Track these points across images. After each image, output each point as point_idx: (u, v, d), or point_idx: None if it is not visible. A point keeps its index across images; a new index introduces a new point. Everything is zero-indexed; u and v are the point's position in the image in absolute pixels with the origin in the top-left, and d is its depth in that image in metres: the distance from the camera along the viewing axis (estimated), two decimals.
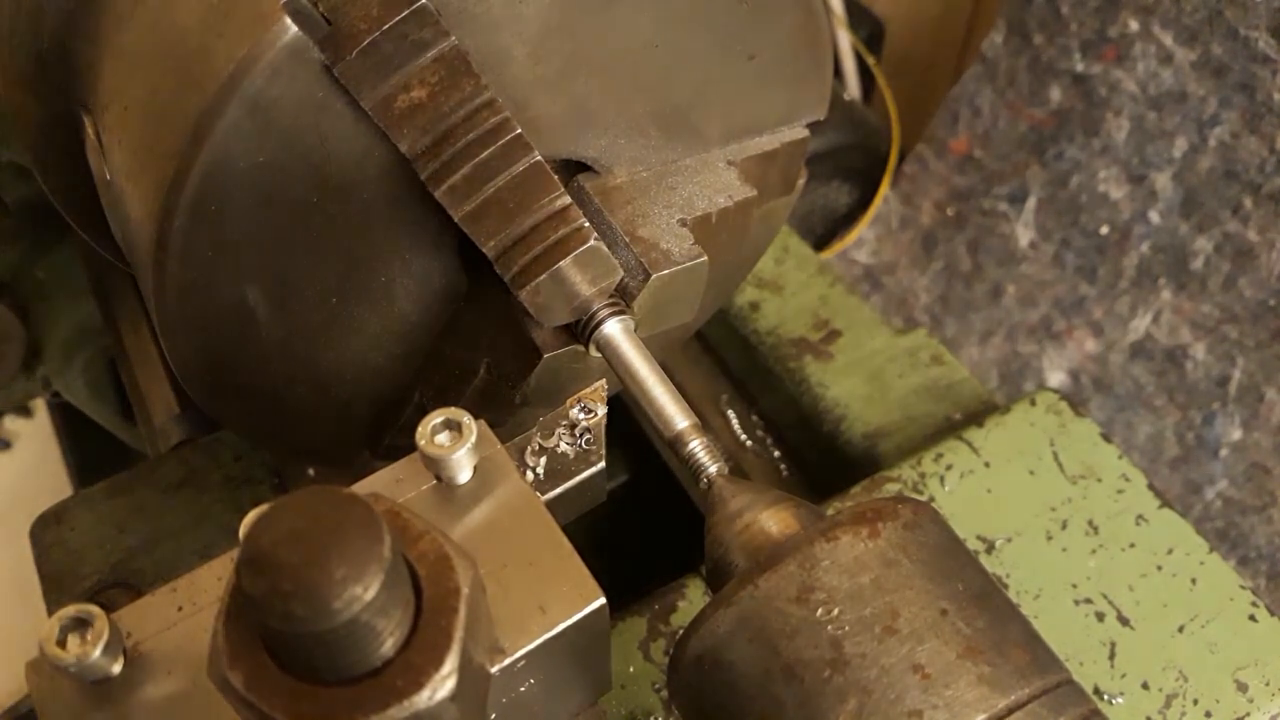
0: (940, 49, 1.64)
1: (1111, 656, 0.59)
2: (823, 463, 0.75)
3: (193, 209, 0.45)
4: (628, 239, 0.52)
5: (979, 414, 0.71)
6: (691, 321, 0.68)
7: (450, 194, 0.47)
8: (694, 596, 0.61)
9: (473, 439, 0.41)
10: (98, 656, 0.36)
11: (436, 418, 0.41)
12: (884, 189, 1.38)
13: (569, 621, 0.39)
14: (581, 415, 0.50)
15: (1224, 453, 1.30)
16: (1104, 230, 1.37)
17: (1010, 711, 0.39)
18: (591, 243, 0.47)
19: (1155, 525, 0.64)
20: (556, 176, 0.47)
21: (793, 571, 0.41)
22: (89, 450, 1.12)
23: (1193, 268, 1.30)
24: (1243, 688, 0.58)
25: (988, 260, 1.50)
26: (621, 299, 0.51)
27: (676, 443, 0.49)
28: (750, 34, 0.53)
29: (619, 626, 0.60)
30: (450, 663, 0.33)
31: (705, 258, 0.53)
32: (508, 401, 0.52)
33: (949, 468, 0.66)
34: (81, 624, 0.36)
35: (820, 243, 1.26)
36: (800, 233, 0.88)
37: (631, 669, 0.59)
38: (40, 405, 1.14)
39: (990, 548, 0.63)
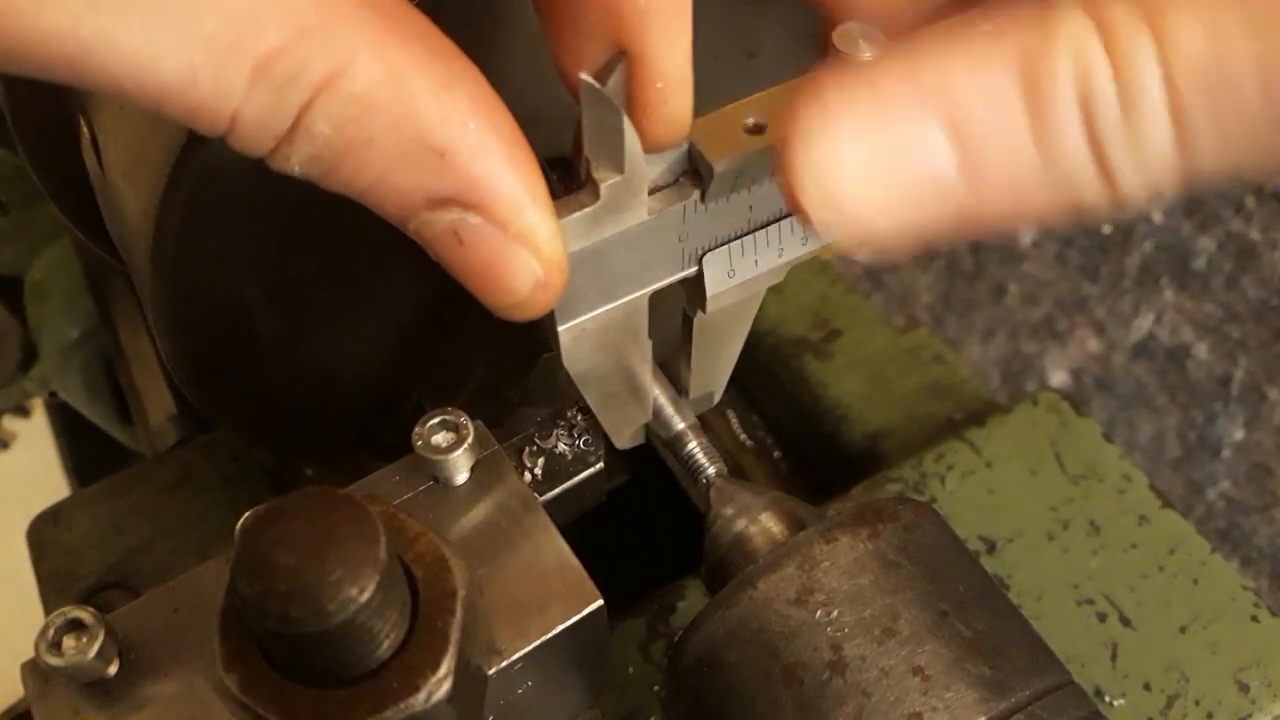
0: None
1: (1113, 657, 0.59)
2: (823, 463, 0.75)
3: (189, 209, 0.45)
4: None
5: (980, 414, 0.70)
6: None
7: None
8: (693, 597, 0.61)
9: (470, 439, 0.41)
10: (93, 658, 0.36)
11: (434, 418, 0.41)
12: None
13: (567, 623, 0.39)
14: (580, 416, 0.49)
15: (1226, 453, 1.30)
16: (1106, 229, 1.37)
17: (1011, 713, 0.39)
18: None
19: (1157, 526, 0.63)
20: (555, 176, 0.47)
21: (792, 573, 0.41)
22: (87, 450, 1.12)
23: (1195, 267, 1.29)
24: (1244, 688, 0.58)
25: (990, 259, 1.50)
26: None
27: (675, 443, 0.49)
28: (750, 31, 0.53)
29: (618, 627, 0.59)
30: (446, 665, 0.33)
31: None
32: (506, 401, 0.52)
33: (950, 468, 0.66)
34: (77, 625, 0.36)
35: None
36: None
37: (631, 670, 0.58)
38: (38, 405, 1.14)
39: (991, 548, 0.63)
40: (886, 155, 0.31)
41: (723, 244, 0.42)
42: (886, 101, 0.30)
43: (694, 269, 0.42)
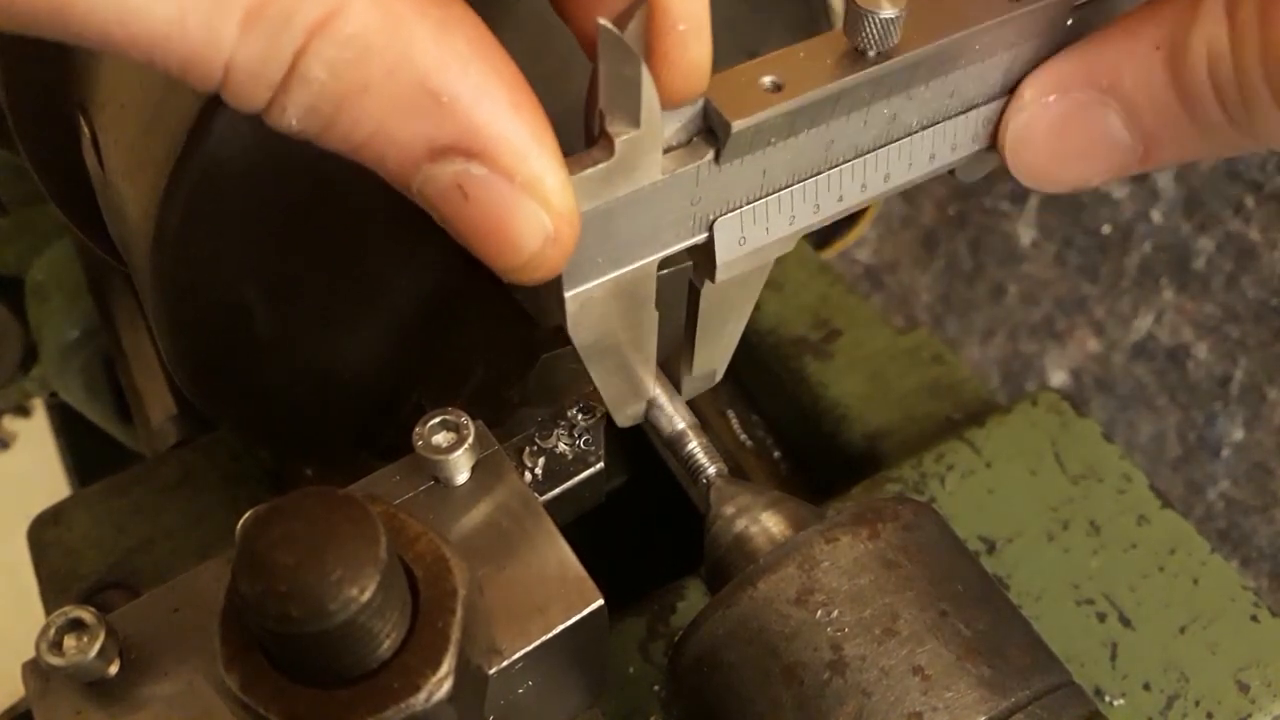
0: None
1: (1113, 657, 0.59)
2: (823, 463, 0.75)
3: (189, 208, 0.45)
4: None
5: (980, 414, 0.70)
6: None
7: None
8: (693, 597, 0.61)
9: (470, 439, 0.41)
10: (94, 658, 0.36)
11: (434, 418, 0.41)
12: None
13: (567, 623, 0.39)
14: (580, 416, 0.49)
15: (1226, 453, 1.30)
16: (1106, 229, 1.37)
17: (1011, 713, 0.39)
18: None
19: (1157, 526, 0.64)
20: None
21: (792, 573, 0.41)
22: (87, 451, 1.12)
23: (1194, 267, 1.29)
24: (1244, 688, 0.58)
25: (989, 259, 1.50)
26: None
27: (675, 443, 0.48)
28: (749, 30, 0.53)
29: (618, 627, 0.59)
30: (447, 664, 0.33)
31: None
32: (506, 401, 0.52)
33: (950, 468, 0.66)
34: (78, 625, 0.36)
35: (821, 242, 1.26)
36: None
37: (631, 670, 0.58)
38: (38, 405, 1.14)
39: (991, 548, 0.63)
40: (1076, 134, 0.42)
41: (735, 209, 0.41)
42: (1074, 99, 0.42)
43: (704, 235, 0.41)
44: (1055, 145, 0.43)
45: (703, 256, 0.42)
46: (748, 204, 0.41)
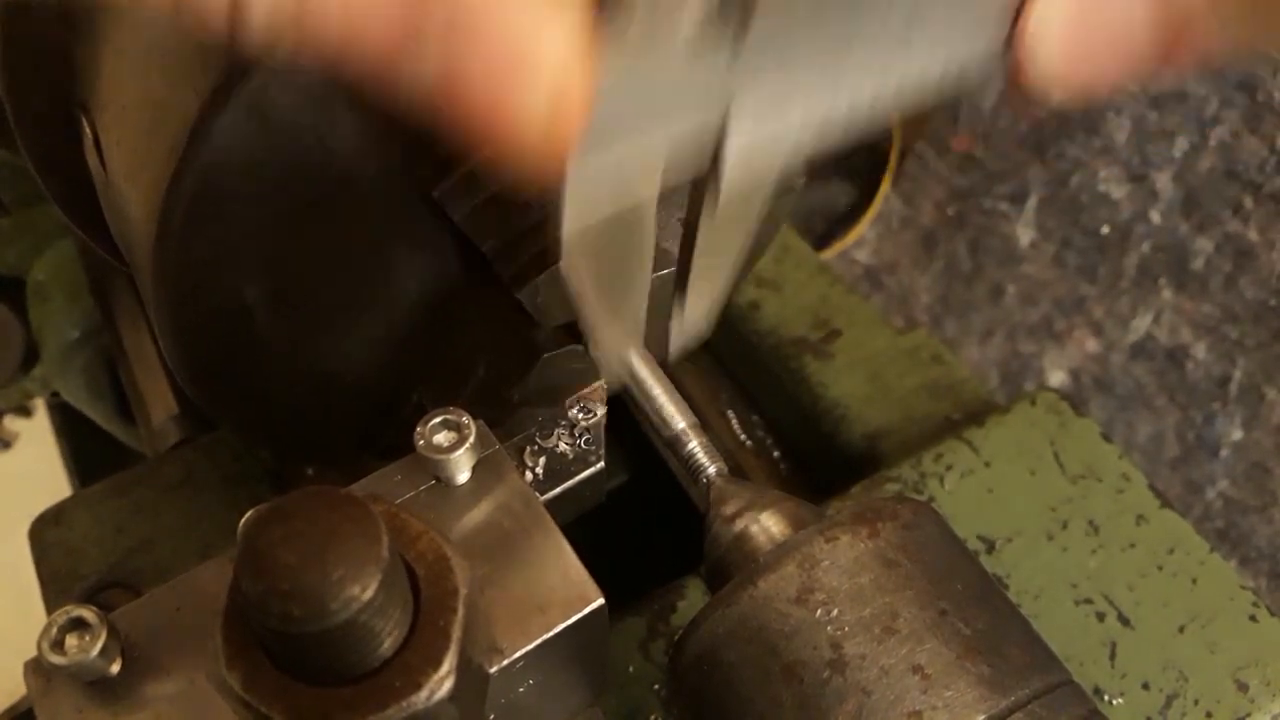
0: None
1: (1112, 656, 0.59)
2: (823, 463, 0.75)
3: (191, 209, 0.45)
4: None
5: (979, 414, 0.70)
6: None
7: (448, 194, 0.47)
8: (694, 596, 0.61)
9: (471, 439, 0.41)
10: (95, 657, 0.36)
11: (435, 417, 0.41)
12: (884, 188, 1.38)
13: (568, 622, 0.39)
14: (581, 415, 0.50)
15: (1224, 452, 1.30)
16: (1105, 230, 1.37)
17: (1010, 712, 0.39)
18: None
19: (1156, 525, 0.64)
20: None
21: (792, 572, 0.41)
22: (88, 450, 1.12)
23: (1193, 267, 1.30)
24: (1243, 688, 0.58)
25: (988, 260, 1.50)
26: None
27: (675, 442, 0.49)
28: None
29: (618, 626, 0.60)
30: (448, 663, 0.33)
31: None
32: (506, 401, 0.52)
33: (949, 467, 0.66)
34: (80, 624, 0.37)
35: (820, 242, 1.26)
36: (800, 232, 0.88)
37: (631, 669, 0.59)
38: (40, 405, 1.14)
39: (990, 548, 0.63)
40: (1099, 22, 0.38)
41: (751, 92, 0.37)
42: None
43: (719, 116, 0.37)
44: (1076, 35, 0.40)
45: (710, 161, 0.38)
46: (764, 90, 0.37)
